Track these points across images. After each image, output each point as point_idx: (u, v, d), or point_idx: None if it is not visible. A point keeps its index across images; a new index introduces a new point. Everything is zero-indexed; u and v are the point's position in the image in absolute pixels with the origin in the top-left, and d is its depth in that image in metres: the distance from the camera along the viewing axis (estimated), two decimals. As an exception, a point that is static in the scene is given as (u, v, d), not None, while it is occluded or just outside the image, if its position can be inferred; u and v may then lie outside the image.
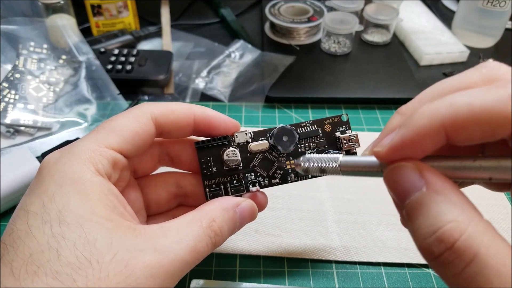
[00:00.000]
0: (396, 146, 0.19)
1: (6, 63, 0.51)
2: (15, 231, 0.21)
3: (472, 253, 0.15)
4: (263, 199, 0.29)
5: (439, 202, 0.17)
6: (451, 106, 0.17)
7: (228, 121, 0.29)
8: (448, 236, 0.16)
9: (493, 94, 0.17)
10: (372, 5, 0.65)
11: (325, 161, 0.24)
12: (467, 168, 0.18)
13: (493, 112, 0.16)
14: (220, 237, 0.25)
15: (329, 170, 0.24)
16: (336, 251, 0.36)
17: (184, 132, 0.28)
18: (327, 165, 0.24)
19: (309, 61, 0.60)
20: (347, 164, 0.23)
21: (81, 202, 0.21)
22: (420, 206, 0.17)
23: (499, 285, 0.15)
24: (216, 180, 0.29)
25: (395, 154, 0.19)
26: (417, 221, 0.17)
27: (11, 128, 0.47)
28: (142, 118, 0.26)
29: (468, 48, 0.62)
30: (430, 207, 0.17)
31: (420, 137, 0.18)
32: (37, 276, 0.19)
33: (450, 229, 0.16)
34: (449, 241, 0.16)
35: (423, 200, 0.17)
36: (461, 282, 0.16)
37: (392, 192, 0.20)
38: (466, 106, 0.17)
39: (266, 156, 0.29)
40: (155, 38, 0.65)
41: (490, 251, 0.15)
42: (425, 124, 0.18)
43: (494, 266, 0.15)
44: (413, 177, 0.18)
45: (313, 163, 0.25)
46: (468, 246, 0.15)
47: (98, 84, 0.52)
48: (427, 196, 0.17)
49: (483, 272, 0.15)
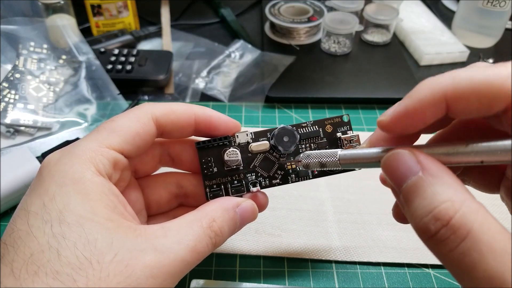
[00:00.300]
0: (399, 114, 0.20)
1: (6, 63, 0.51)
2: (15, 231, 0.21)
3: (466, 229, 0.16)
4: (263, 199, 0.29)
5: (435, 184, 0.18)
6: (453, 78, 0.18)
7: (229, 121, 0.29)
8: (444, 214, 0.17)
9: (493, 70, 0.18)
10: (372, 5, 0.65)
11: (324, 156, 0.25)
12: (460, 153, 0.19)
13: (493, 85, 0.17)
14: (221, 237, 0.25)
15: (329, 164, 0.25)
16: (336, 251, 0.36)
17: (185, 132, 0.28)
18: (327, 159, 0.25)
19: (309, 61, 0.60)
20: (346, 157, 0.24)
21: (81, 202, 0.21)
22: (416, 188, 0.19)
23: (491, 259, 0.16)
24: (216, 180, 0.29)
25: (398, 122, 0.20)
26: (414, 203, 0.18)
27: (11, 128, 0.47)
28: (143, 118, 0.26)
29: (468, 48, 0.62)
30: (426, 189, 0.18)
31: (423, 106, 0.19)
32: (37, 276, 0.19)
33: (445, 208, 0.17)
34: (444, 219, 0.17)
35: (420, 183, 0.19)
36: (456, 257, 0.17)
37: (390, 178, 0.21)
38: (467, 79, 0.18)
39: (267, 156, 0.29)
40: (155, 38, 0.65)
41: (483, 228, 0.16)
42: (427, 93, 0.19)
43: (486, 241, 0.16)
44: (410, 162, 0.19)
45: (313, 159, 0.26)
46: (462, 223, 0.17)
47: (98, 84, 0.52)
48: (423, 179, 0.19)
49: (476, 247, 0.16)
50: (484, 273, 0.16)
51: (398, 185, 0.20)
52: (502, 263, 0.16)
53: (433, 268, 0.35)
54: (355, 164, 0.24)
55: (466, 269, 0.16)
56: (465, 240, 0.16)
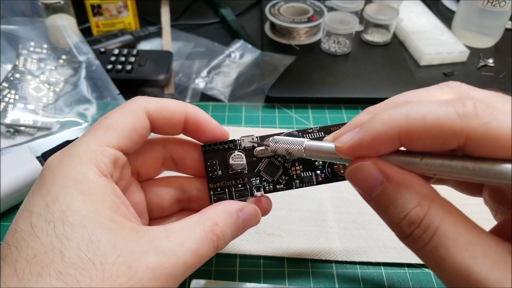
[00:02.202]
0: (355, 146, 0.21)
1: (6, 63, 0.51)
2: (18, 231, 0.21)
3: (434, 228, 0.18)
4: (267, 204, 0.29)
5: (401, 191, 0.20)
6: (406, 117, 0.19)
7: (217, 128, 0.29)
8: (415, 218, 0.19)
9: (444, 109, 0.19)
10: (372, 5, 0.65)
11: (291, 143, 0.26)
12: (415, 164, 0.20)
13: (443, 126, 0.18)
14: (223, 241, 0.25)
15: (295, 152, 0.26)
16: (336, 251, 0.36)
17: (174, 129, 0.28)
18: (293, 147, 0.26)
19: (309, 61, 0.60)
20: (311, 148, 0.25)
21: (84, 202, 0.21)
22: (386, 197, 0.20)
23: (456, 252, 0.18)
24: (221, 183, 0.29)
25: (354, 152, 0.22)
26: (387, 211, 0.20)
27: (11, 128, 0.47)
28: (137, 113, 0.26)
29: (468, 48, 0.62)
30: (395, 197, 0.20)
31: (376, 141, 0.20)
32: (41, 276, 0.19)
33: (415, 213, 0.19)
34: (416, 222, 0.19)
35: (387, 192, 0.20)
36: (428, 253, 0.19)
37: (357, 188, 0.22)
38: (419, 119, 0.19)
39: (272, 161, 0.29)
40: (155, 38, 0.65)
41: (449, 225, 0.18)
42: (381, 130, 0.20)
43: (451, 237, 0.18)
44: (373, 172, 0.21)
45: (281, 144, 0.27)
46: (430, 222, 0.19)
47: (98, 84, 0.52)
48: (390, 188, 0.20)
49: (443, 242, 0.18)
50: (451, 265, 0.18)
51: (368, 194, 0.21)
52: (467, 255, 0.17)
53: (433, 268, 0.35)
54: (319, 157, 0.25)
55: (437, 263, 0.19)
56: (433, 238, 0.18)
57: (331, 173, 0.29)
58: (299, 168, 0.29)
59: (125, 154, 0.26)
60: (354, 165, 0.22)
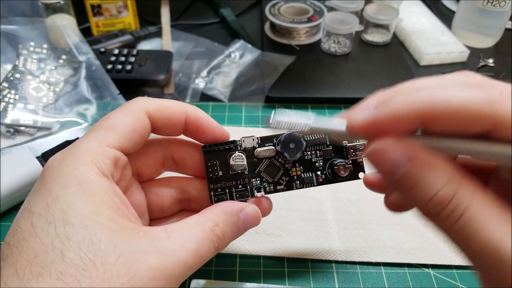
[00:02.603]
0: (371, 122, 0.20)
1: (6, 63, 0.51)
2: (19, 232, 0.21)
3: (463, 207, 0.18)
4: (267, 204, 0.29)
5: (429, 171, 0.19)
6: (431, 99, 0.19)
7: (217, 129, 0.29)
8: (443, 198, 0.18)
9: (472, 93, 0.18)
10: (372, 5, 0.65)
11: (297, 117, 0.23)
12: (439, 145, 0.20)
13: (471, 109, 0.18)
14: (223, 241, 0.25)
15: (300, 126, 0.23)
16: (336, 251, 0.36)
17: (175, 130, 0.28)
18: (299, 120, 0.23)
19: (309, 61, 0.60)
20: (319, 122, 0.23)
21: (85, 203, 0.21)
22: (412, 177, 0.19)
23: (485, 230, 0.18)
24: (221, 184, 0.29)
25: (367, 129, 0.20)
26: (413, 191, 0.19)
27: (11, 128, 0.47)
28: (137, 113, 0.26)
29: (468, 48, 0.62)
30: (422, 177, 0.19)
31: (396, 120, 0.19)
32: (41, 277, 0.19)
33: (444, 193, 0.18)
34: (445, 202, 0.18)
35: (413, 172, 0.19)
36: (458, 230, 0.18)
37: (380, 170, 0.21)
38: (444, 102, 0.18)
39: (272, 162, 0.29)
40: (155, 38, 0.65)
41: (477, 204, 0.18)
42: (403, 109, 0.19)
43: (480, 215, 0.18)
44: (398, 152, 0.20)
45: (285, 119, 0.24)
46: (460, 201, 0.18)
47: (98, 84, 0.52)
48: (416, 168, 0.19)
49: (472, 220, 0.18)
50: (480, 243, 0.18)
51: (390, 176, 0.20)
52: (496, 233, 0.17)
53: (433, 268, 0.35)
54: (325, 131, 0.23)
55: (465, 241, 0.18)
56: (462, 217, 0.18)
57: (332, 174, 0.29)
58: (299, 169, 0.29)
59: (125, 154, 0.26)
60: (376, 144, 0.20)
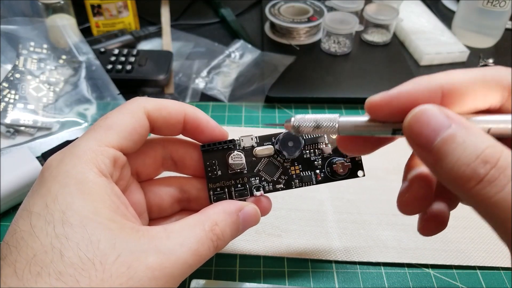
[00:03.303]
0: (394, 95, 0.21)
1: (6, 63, 0.51)
2: (18, 231, 0.21)
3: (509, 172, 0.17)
4: (267, 203, 0.29)
5: (472, 134, 0.18)
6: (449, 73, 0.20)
7: (216, 128, 0.29)
8: (491, 156, 0.17)
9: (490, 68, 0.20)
10: (372, 5, 0.65)
11: (321, 120, 0.23)
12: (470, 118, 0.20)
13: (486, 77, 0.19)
14: (222, 240, 0.25)
15: (326, 129, 0.23)
16: (336, 251, 0.36)
17: (174, 129, 0.28)
18: (324, 124, 0.23)
19: (309, 61, 0.60)
20: (346, 123, 0.22)
21: (84, 202, 0.21)
22: (455, 139, 0.19)
23: None
24: (220, 183, 0.29)
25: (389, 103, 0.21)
26: (455, 153, 0.18)
27: (11, 128, 0.47)
28: (137, 113, 0.26)
29: (468, 48, 0.62)
30: (466, 138, 0.18)
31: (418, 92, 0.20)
32: (40, 276, 0.19)
33: (491, 152, 0.18)
34: (492, 161, 0.17)
35: (457, 134, 0.19)
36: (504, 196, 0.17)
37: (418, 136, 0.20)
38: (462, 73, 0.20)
39: (271, 161, 0.29)
40: (155, 38, 0.65)
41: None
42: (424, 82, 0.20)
43: None
44: (440, 116, 0.19)
45: (307, 123, 0.23)
46: (508, 163, 0.17)
47: (98, 84, 0.52)
48: (460, 130, 0.19)
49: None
50: None
51: (430, 141, 0.19)
52: None
53: (433, 268, 0.35)
54: (355, 131, 0.22)
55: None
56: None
57: (331, 173, 0.29)
58: (298, 167, 0.29)
59: (125, 154, 0.26)
60: (418, 108, 0.20)
